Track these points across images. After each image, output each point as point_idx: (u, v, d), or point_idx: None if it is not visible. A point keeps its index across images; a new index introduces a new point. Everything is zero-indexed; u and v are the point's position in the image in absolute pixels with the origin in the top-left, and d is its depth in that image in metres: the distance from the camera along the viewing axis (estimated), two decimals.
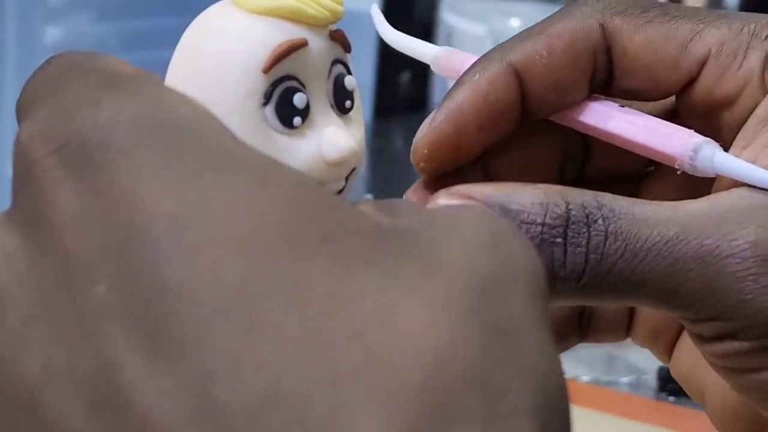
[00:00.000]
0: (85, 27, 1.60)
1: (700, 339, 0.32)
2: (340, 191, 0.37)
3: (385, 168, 1.30)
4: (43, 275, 0.22)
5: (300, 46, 0.35)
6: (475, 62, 0.35)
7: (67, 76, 0.26)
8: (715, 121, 0.34)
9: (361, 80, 0.41)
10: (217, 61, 0.35)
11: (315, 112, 0.35)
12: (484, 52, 0.36)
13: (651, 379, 0.76)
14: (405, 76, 1.48)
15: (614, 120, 0.34)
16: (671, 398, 0.75)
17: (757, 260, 0.29)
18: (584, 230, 0.30)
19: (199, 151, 0.23)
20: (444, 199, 0.33)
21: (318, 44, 0.35)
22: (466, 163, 0.35)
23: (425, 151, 0.36)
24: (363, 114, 0.39)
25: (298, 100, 0.35)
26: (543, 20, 0.35)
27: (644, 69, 0.34)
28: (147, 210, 0.22)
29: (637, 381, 0.76)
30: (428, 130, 0.36)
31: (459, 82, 0.35)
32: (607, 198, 0.31)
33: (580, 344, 0.86)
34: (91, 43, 1.60)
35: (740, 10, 1.69)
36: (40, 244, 0.22)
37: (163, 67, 0.38)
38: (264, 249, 0.21)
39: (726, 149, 0.33)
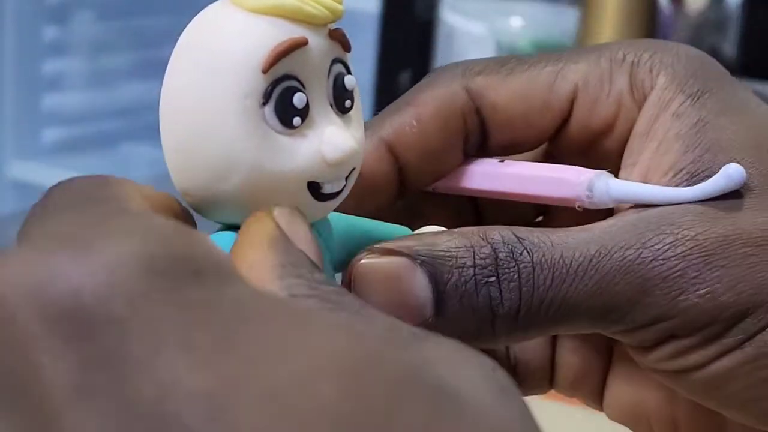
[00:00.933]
0: (83, 26, 1.60)
1: (642, 350, 0.32)
2: (340, 191, 0.36)
3: None
4: None
5: (300, 45, 0.35)
6: None
7: (63, 208, 0.22)
8: (596, 152, 0.35)
9: (361, 80, 0.41)
10: (215, 60, 0.35)
11: (315, 111, 0.35)
12: (485, 52, 0.36)
13: None
14: (405, 76, 1.48)
15: (501, 179, 0.35)
16: None
17: (679, 257, 0.30)
18: (513, 265, 0.31)
19: (226, 305, 0.20)
20: (367, 258, 0.33)
21: (318, 43, 0.35)
22: None
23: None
24: (363, 114, 0.39)
25: (298, 99, 0.34)
26: (408, 92, 0.36)
27: (517, 119, 0.35)
28: (177, 389, 0.18)
29: None
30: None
31: None
32: (523, 231, 0.31)
33: None
34: (89, 42, 1.60)
35: (741, 11, 1.69)
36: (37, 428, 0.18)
37: (162, 65, 0.38)
38: None
39: (615, 175, 0.33)
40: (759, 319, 0.30)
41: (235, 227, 0.36)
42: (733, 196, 0.31)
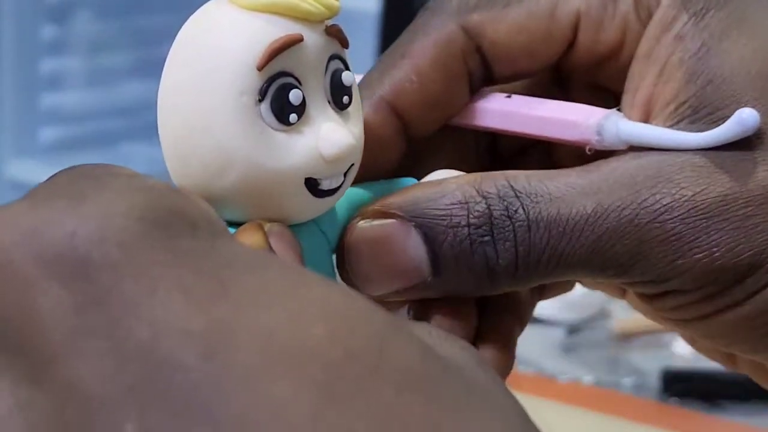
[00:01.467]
0: (82, 25, 1.60)
1: (644, 298, 0.32)
2: (338, 188, 0.36)
3: None
4: (38, 416, 0.19)
5: (295, 41, 0.34)
6: None
7: (58, 183, 0.23)
8: (604, 76, 0.34)
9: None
10: (211, 58, 0.35)
11: (312, 108, 0.35)
12: None
13: (654, 380, 0.77)
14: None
15: (508, 118, 0.35)
16: (674, 399, 0.75)
17: (675, 220, 0.29)
18: (508, 224, 0.30)
19: (221, 255, 0.20)
20: (359, 224, 0.33)
21: (314, 40, 0.35)
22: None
23: None
24: (362, 111, 0.39)
25: (294, 96, 0.34)
26: (402, 38, 0.35)
27: (520, 52, 0.34)
28: (171, 329, 0.19)
29: (640, 382, 0.77)
30: None
31: None
32: (521, 180, 0.31)
33: (583, 347, 0.86)
34: (88, 41, 1.61)
35: None
36: (31, 375, 0.19)
37: (160, 64, 0.38)
38: (327, 375, 0.19)
39: (618, 101, 0.33)
40: (758, 279, 0.30)
41: (233, 224, 0.36)
42: (738, 143, 0.30)
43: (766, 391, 0.78)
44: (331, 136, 0.35)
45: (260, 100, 0.34)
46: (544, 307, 0.85)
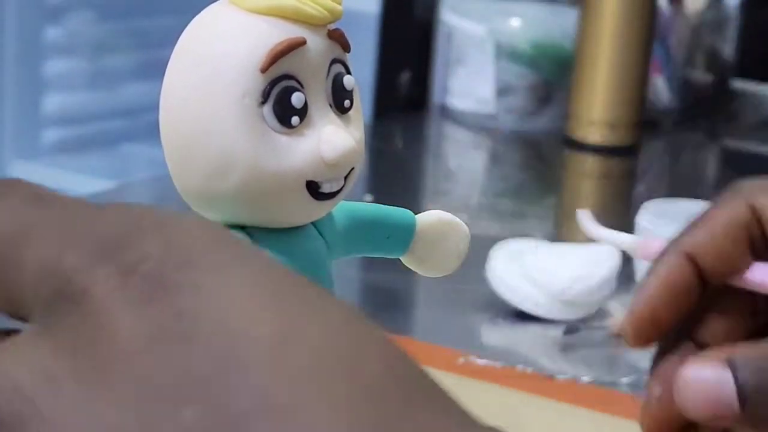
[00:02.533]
0: (84, 26, 1.60)
1: None
2: (339, 191, 0.37)
3: (385, 168, 1.31)
4: (103, 399, 0.21)
5: (298, 44, 0.35)
6: (660, 253, 0.43)
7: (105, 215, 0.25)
8: None
9: (361, 80, 0.41)
10: (214, 60, 0.35)
11: (313, 111, 0.35)
12: (484, 53, 0.37)
13: None
14: (405, 76, 1.48)
15: None
16: None
17: None
18: None
19: (277, 272, 0.23)
20: (693, 369, 0.40)
21: (317, 43, 0.35)
22: (666, 333, 0.43)
23: (630, 330, 0.43)
24: (363, 114, 0.39)
25: (296, 99, 0.35)
26: (704, 211, 0.44)
27: None
28: (245, 334, 0.21)
29: (638, 381, 0.77)
30: (629, 313, 0.43)
31: (649, 272, 0.44)
32: None
33: (579, 345, 0.86)
34: (91, 42, 1.61)
35: (740, 12, 1.69)
36: (98, 368, 0.21)
37: (162, 66, 0.38)
38: (371, 392, 0.21)
39: None
40: None
41: (235, 226, 0.37)
42: None
43: None
44: (332, 139, 0.35)
45: (263, 103, 0.34)
46: (542, 306, 0.85)
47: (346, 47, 0.37)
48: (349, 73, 0.37)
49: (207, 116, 0.35)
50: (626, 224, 1.08)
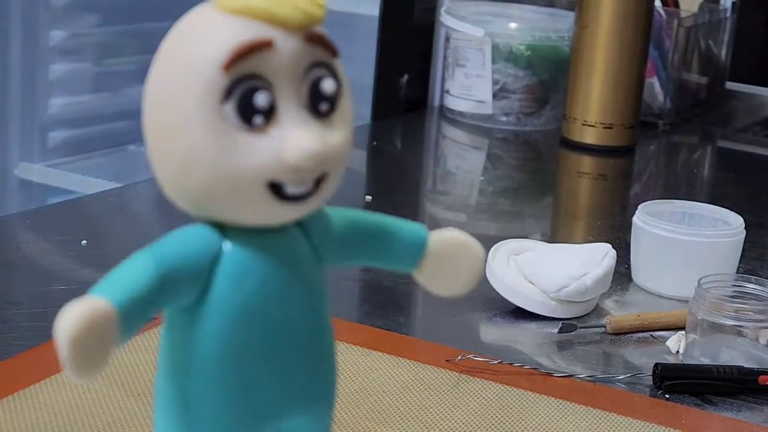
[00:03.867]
0: (89, 30, 1.60)
1: None
2: (308, 195, 0.36)
3: (385, 168, 1.31)
4: None
5: (262, 45, 0.35)
6: None
7: None
8: None
9: (361, 81, 0.41)
10: (183, 58, 0.36)
11: (283, 112, 0.35)
12: (482, 55, 0.37)
13: (647, 376, 0.77)
14: (404, 78, 1.49)
15: None
16: (667, 396, 0.75)
17: None
18: None
19: None
20: None
21: (290, 46, 0.35)
22: None
23: None
24: (352, 117, 0.38)
25: (260, 98, 0.34)
26: None
27: None
28: None
29: (633, 378, 0.77)
30: None
31: None
32: None
33: (576, 343, 0.87)
34: (95, 45, 1.61)
35: (736, 13, 1.70)
36: None
37: None
38: None
39: None
40: None
41: (213, 223, 0.37)
42: None
43: (756, 387, 0.79)
44: (295, 141, 0.34)
45: (225, 100, 0.34)
46: (539, 304, 0.86)
47: (331, 51, 0.36)
48: (335, 77, 0.36)
49: (174, 112, 0.35)
50: (622, 224, 1.09)
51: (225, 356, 0.38)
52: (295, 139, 0.35)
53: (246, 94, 0.35)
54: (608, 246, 0.90)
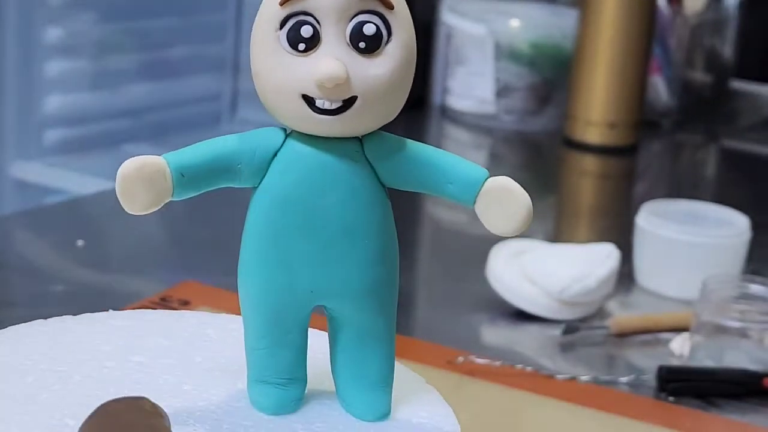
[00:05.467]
0: (85, 27, 1.60)
1: None
2: (337, 111, 0.45)
3: None
4: None
5: None
6: None
7: None
8: None
9: None
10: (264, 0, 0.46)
11: (326, 44, 0.45)
12: (484, 53, 0.38)
13: (651, 378, 0.77)
14: None
15: None
16: (671, 398, 0.75)
17: None
18: None
19: None
20: None
21: None
22: None
23: None
24: (407, 62, 0.47)
25: (305, 30, 0.45)
26: None
27: None
28: None
29: (637, 381, 0.77)
30: None
31: None
32: None
33: (578, 344, 0.87)
34: (92, 43, 1.61)
35: (739, 13, 1.70)
36: None
37: (164, 66, 0.40)
38: None
39: None
40: None
41: (282, 127, 0.47)
42: None
43: (761, 389, 0.79)
44: (321, 64, 0.44)
45: (279, 29, 0.45)
46: (541, 306, 0.86)
47: (387, 4, 0.45)
48: (387, 25, 0.45)
49: (254, 39, 0.46)
50: (625, 224, 1.08)
51: (267, 234, 0.48)
52: (322, 63, 0.44)
53: (294, 26, 0.45)
54: (611, 246, 0.89)
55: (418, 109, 1.53)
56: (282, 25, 0.45)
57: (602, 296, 0.88)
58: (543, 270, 0.86)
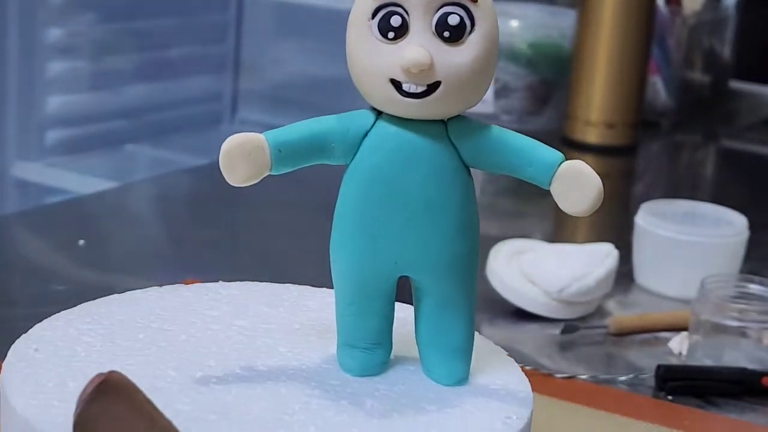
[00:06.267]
0: (86, 28, 1.60)
1: None
2: (422, 94, 0.49)
3: None
4: None
5: None
6: None
7: None
8: None
9: None
10: None
11: (413, 33, 0.49)
12: None
13: (649, 377, 0.77)
14: None
15: None
16: (669, 397, 0.75)
17: None
18: None
19: None
20: None
21: None
22: None
23: None
24: (489, 50, 0.50)
25: (394, 20, 0.49)
26: None
27: None
28: None
29: (636, 380, 0.77)
30: None
31: None
32: None
33: (578, 344, 0.87)
34: (92, 44, 1.61)
35: (739, 11, 1.70)
36: None
37: (164, 66, 0.40)
38: None
39: None
40: None
41: (374, 109, 0.51)
42: None
43: (759, 388, 0.79)
44: (408, 51, 0.48)
45: (371, 19, 0.49)
46: (540, 305, 0.86)
47: None
48: (470, 15, 0.49)
49: (349, 29, 0.50)
50: (624, 224, 1.08)
51: (356, 208, 0.51)
52: (408, 50, 0.48)
53: (385, 16, 0.49)
54: (610, 246, 0.89)
55: None
56: (374, 14, 0.49)
57: (601, 295, 0.88)
58: (542, 269, 0.86)
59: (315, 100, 1.70)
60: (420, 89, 0.49)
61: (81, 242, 0.94)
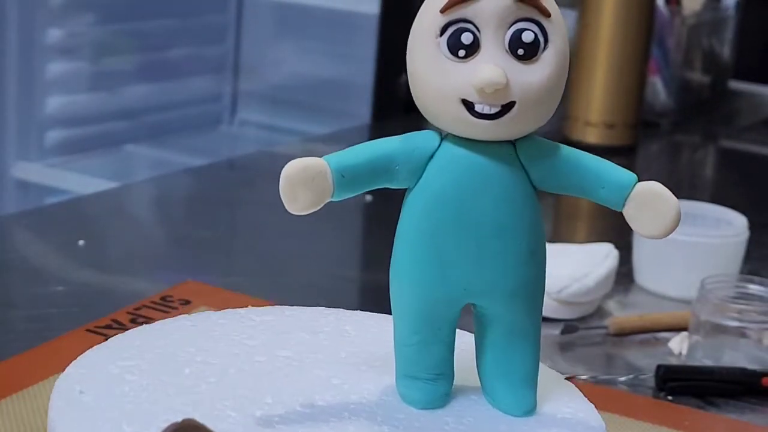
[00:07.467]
0: (86, 28, 1.61)
1: None
2: (493, 116, 0.46)
3: None
4: None
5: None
6: None
7: None
8: None
9: (361, 81, 0.45)
10: (423, 7, 0.48)
11: (485, 50, 0.46)
12: None
13: (649, 378, 0.77)
14: (404, 77, 1.48)
15: None
16: (669, 397, 0.75)
17: None
18: None
19: None
20: None
21: (497, 3, 0.46)
22: None
23: None
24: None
25: (465, 37, 0.46)
26: None
27: None
28: None
29: (636, 380, 0.77)
30: None
31: None
32: None
33: (577, 344, 0.87)
34: (92, 44, 1.61)
35: (739, 11, 1.70)
36: None
37: (164, 67, 0.39)
38: None
39: None
40: None
41: (440, 130, 0.49)
42: None
43: (759, 388, 0.79)
44: (481, 70, 0.45)
45: (439, 36, 0.46)
46: None
47: (543, 12, 0.47)
48: (543, 32, 0.47)
49: (413, 45, 0.47)
50: (624, 224, 1.08)
51: (422, 232, 0.49)
52: (482, 69, 0.45)
53: (455, 33, 0.46)
54: (610, 246, 0.89)
55: (418, 111, 1.53)
56: (442, 32, 0.46)
57: (601, 296, 0.88)
58: None
59: (314, 101, 1.70)
60: (494, 110, 0.46)
61: (81, 242, 0.94)
